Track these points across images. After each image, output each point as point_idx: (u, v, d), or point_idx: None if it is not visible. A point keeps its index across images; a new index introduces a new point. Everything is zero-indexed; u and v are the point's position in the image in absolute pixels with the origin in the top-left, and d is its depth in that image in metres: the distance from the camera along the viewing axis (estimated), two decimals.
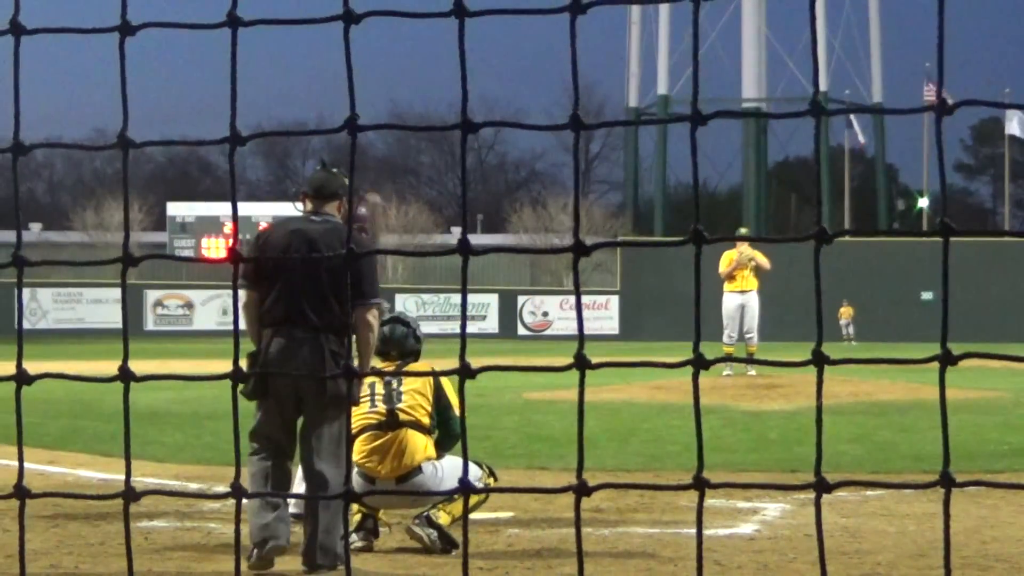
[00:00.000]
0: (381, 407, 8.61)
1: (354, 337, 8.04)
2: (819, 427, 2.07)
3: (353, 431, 8.64)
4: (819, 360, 2.06)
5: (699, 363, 2.06)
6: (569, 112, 2.16)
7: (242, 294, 8.09)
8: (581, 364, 2.08)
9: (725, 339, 23.24)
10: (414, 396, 8.69)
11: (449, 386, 8.84)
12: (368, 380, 8.61)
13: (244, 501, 2.29)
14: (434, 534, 8.40)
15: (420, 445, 8.64)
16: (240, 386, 9.12)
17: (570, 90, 2.14)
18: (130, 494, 1.94)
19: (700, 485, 2.00)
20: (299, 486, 9.35)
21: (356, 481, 8.54)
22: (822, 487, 2.03)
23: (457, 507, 8.57)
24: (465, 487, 2.21)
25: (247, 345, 8.03)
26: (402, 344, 8.91)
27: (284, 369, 7.84)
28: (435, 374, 2.94)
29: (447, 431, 8.78)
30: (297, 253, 7.91)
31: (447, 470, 8.66)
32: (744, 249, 23.20)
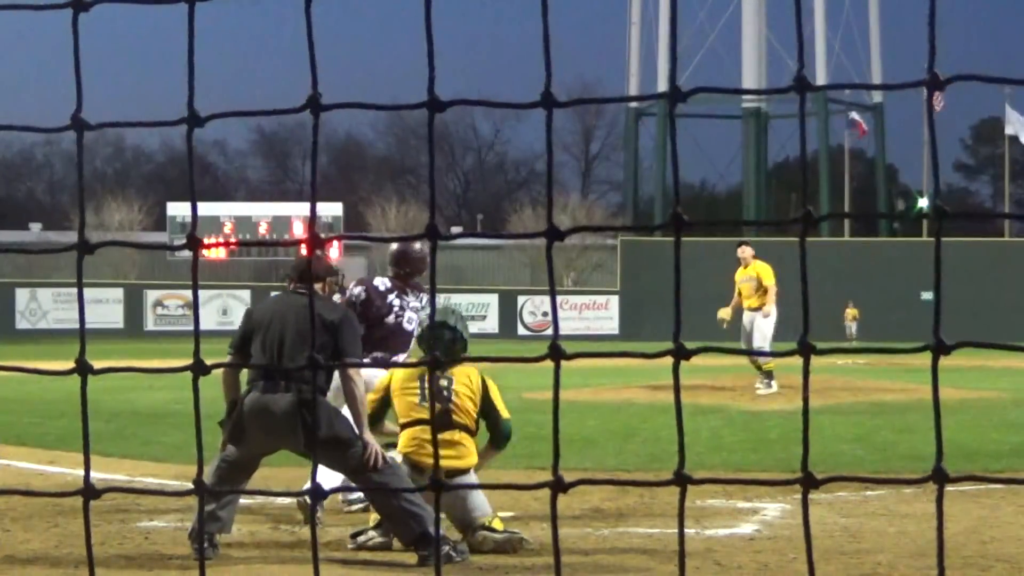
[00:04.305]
0: (436, 403, 8.75)
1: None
2: (806, 419, 2.01)
3: (402, 423, 9.00)
4: (805, 350, 2.00)
5: (678, 354, 2.00)
6: (569, 113, 2.11)
7: (228, 359, 8.77)
8: (556, 355, 2.02)
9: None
10: (462, 398, 8.94)
11: (495, 390, 9.05)
12: (419, 375, 8.93)
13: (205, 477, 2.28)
14: (501, 536, 8.63)
15: (471, 449, 8.94)
16: (219, 425, 9.34)
17: (570, 91, 2.11)
18: (90, 491, 1.88)
19: (681, 481, 1.94)
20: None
21: (403, 470, 8.73)
22: (809, 482, 1.97)
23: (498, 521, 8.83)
24: (438, 485, 2.15)
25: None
26: (450, 349, 9.08)
27: (259, 420, 8.42)
28: (401, 365, 2.96)
29: (499, 433, 9.04)
30: (279, 320, 8.62)
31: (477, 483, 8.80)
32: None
